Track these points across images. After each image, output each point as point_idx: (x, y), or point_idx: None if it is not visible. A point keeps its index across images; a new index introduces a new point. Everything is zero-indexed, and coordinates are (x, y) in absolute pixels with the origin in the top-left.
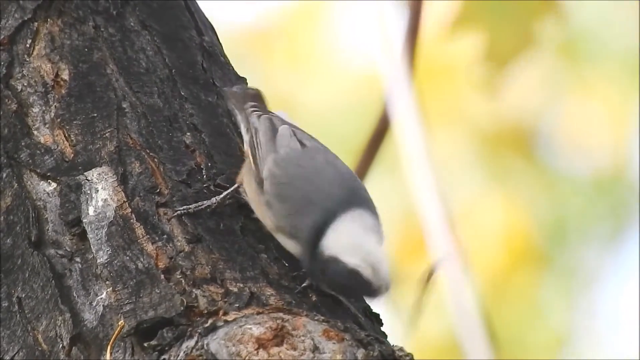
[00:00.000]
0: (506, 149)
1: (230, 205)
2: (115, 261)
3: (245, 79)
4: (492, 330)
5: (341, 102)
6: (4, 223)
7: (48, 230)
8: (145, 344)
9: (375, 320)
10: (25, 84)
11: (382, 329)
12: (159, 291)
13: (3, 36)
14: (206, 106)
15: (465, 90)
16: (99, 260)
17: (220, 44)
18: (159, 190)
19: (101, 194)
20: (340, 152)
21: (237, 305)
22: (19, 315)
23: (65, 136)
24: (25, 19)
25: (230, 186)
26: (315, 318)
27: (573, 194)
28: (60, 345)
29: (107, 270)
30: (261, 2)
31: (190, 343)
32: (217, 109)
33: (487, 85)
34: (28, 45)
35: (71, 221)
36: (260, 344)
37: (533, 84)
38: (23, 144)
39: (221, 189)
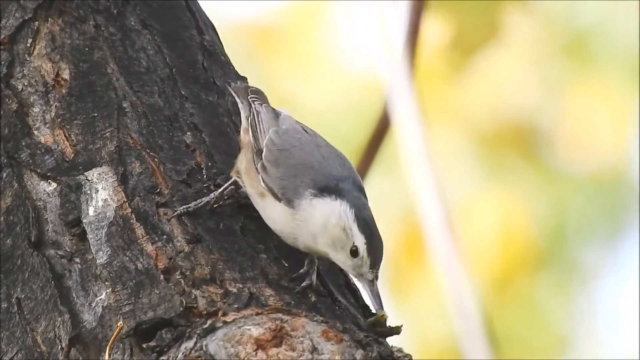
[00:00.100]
0: (506, 149)
1: (230, 206)
2: (115, 262)
3: (246, 78)
4: (492, 329)
5: (341, 102)
6: (4, 223)
7: (48, 230)
8: (144, 345)
9: None
10: (25, 84)
11: None
12: (158, 292)
13: (4, 35)
14: (207, 106)
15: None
16: (98, 261)
17: (221, 43)
18: (159, 190)
19: (101, 194)
20: None
21: (236, 306)
22: (18, 316)
23: (65, 136)
24: (26, 18)
25: (230, 179)
26: (314, 319)
27: (573, 194)
28: (59, 347)
29: (107, 270)
30: (261, 2)
31: (189, 344)
32: (218, 108)
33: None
34: (29, 45)
35: (71, 221)
36: (259, 344)
37: (533, 83)
38: (23, 143)
39: None
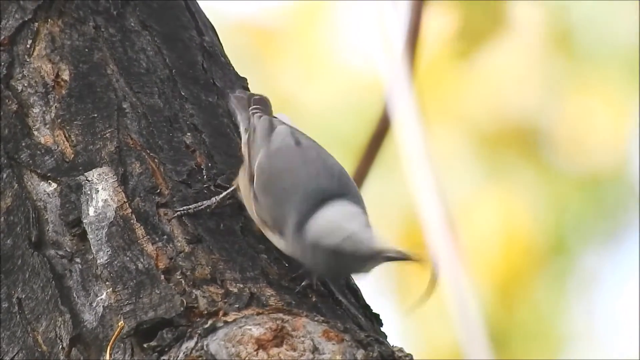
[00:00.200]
0: (506, 149)
1: (231, 206)
2: (116, 262)
3: (246, 79)
4: (492, 329)
5: (341, 102)
6: (4, 224)
7: (48, 230)
8: (145, 345)
9: (375, 320)
10: (25, 85)
11: (382, 329)
12: (159, 292)
13: (3, 36)
14: (207, 106)
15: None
16: (99, 261)
17: (221, 44)
18: (159, 190)
19: (101, 195)
20: (340, 152)
21: (237, 305)
22: (19, 316)
23: (65, 136)
24: (26, 19)
25: (231, 187)
26: (315, 319)
27: (573, 193)
28: (60, 347)
29: (107, 270)
30: (261, 2)
31: (190, 344)
32: (218, 109)
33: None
34: (28, 46)
35: (71, 222)
36: (260, 344)
37: (533, 83)
38: (23, 144)
39: (221, 190)
